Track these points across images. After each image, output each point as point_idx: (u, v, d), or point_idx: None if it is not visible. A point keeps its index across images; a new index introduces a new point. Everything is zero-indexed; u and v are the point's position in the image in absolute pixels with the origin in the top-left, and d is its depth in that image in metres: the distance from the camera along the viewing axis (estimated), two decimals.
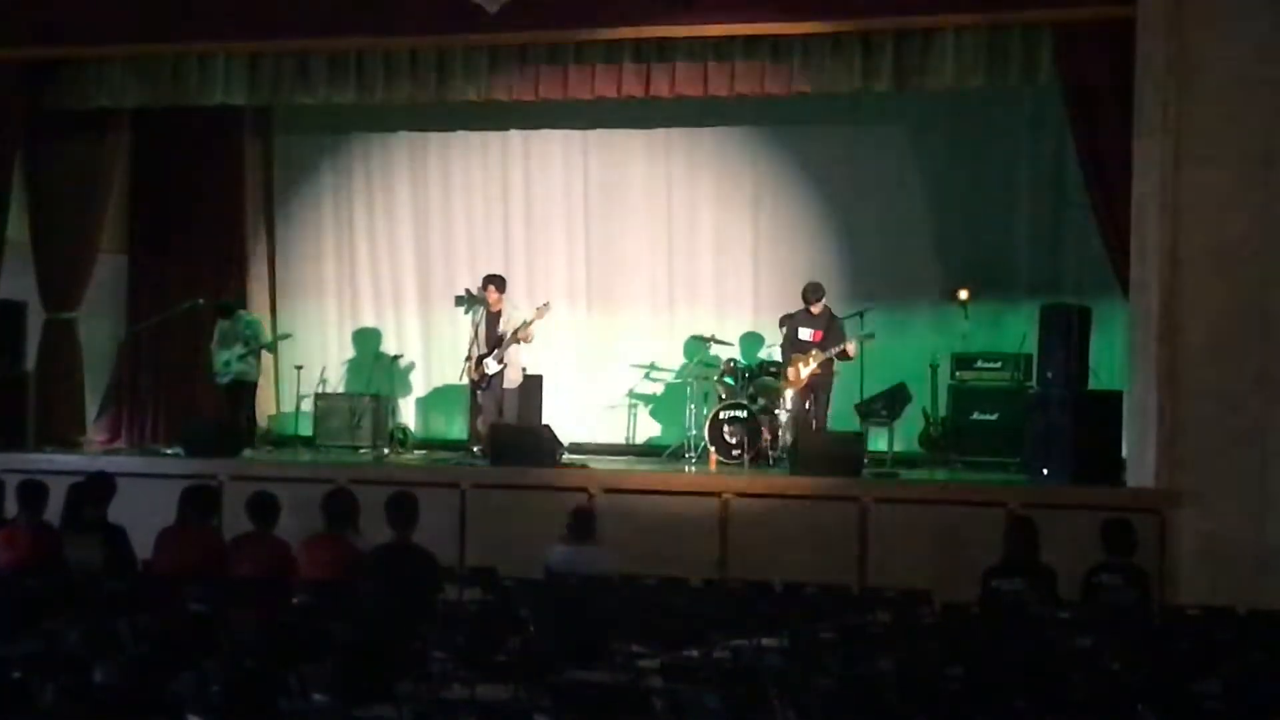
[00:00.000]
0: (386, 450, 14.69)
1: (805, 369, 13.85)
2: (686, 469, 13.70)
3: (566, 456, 13.75)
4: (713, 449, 13.93)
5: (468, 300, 14.40)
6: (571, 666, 7.00)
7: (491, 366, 14.08)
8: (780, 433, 14.02)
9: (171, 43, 13.87)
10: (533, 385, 14.98)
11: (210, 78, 13.97)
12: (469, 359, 14.29)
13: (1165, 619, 9.14)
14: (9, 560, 9.66)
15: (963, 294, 14.71)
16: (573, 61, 13.26)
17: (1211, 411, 11.07)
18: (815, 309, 14.12)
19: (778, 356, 14.44)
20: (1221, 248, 11.13)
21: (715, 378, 14.53)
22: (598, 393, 16.11)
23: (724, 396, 14.34)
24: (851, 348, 13.87)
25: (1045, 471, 12.01)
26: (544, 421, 14.55)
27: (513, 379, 14.23)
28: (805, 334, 14.01)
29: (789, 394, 13.96)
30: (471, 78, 13.46)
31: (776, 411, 14.05)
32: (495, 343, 14.11)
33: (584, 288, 16.18)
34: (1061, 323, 12.16)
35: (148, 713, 6.09)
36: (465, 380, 14.42)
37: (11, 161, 14.58)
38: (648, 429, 15.78)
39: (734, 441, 13.83)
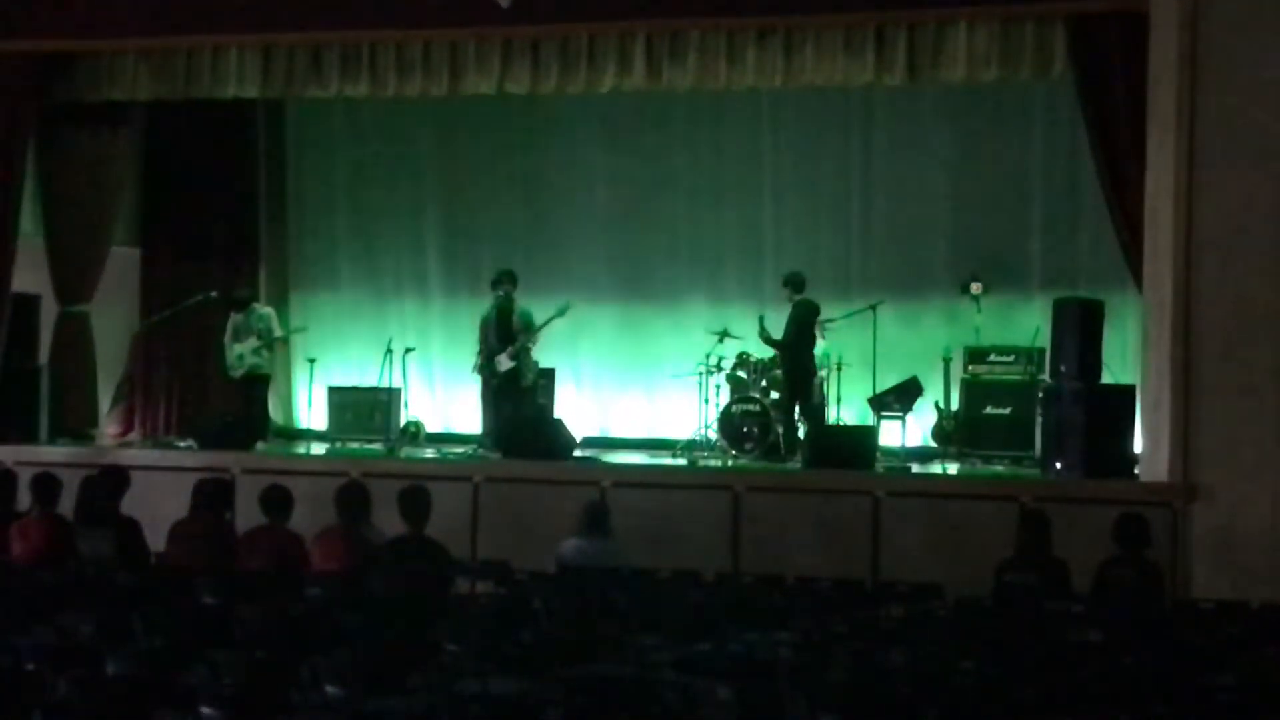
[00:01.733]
0: (399, 444, 14.69)
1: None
2: (699, 463, 13.69)
3: (579, 450, 13.74)
4: (725, 442, 13.94)
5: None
6: (583, 660, 7.00)
7: (504, 364, 14.07)
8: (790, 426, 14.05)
9: (184, 35, 13.88)
10: (546, 380, 15.00)
11: (223, 71, 13.97)
12: (480, 354, 14.28)
13: (1178, 613, 9.12)
14: (22, 552, 9.70)
15: (975, 287, 14.71)
16: (585, 54, 13.23)
17: (1225, 405, 11.04)
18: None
19: None
20: (1235, 241, 11.08)
21: (728, 371, 14.53)
22: (611, 387, 16.13)
23: (736, 390, 14.35)
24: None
25: (1058, 465, 11.99)
26: (557, 416, 14.55)
27: (525, 374, 14.23)
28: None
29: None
30: (484, 71, 13.44)
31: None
32: (507, 339, 14.09)
33: (598, 282, 16.20)
34: (1074, 316, 12.13)
35: (160, 704, 6.10)
36: (477, 375, 14.40)
37: (24, 154, 14.58)
38: (660, 423, 15.77)
39: (746, 434, 13.85)
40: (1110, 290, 13.40)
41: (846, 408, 14.57)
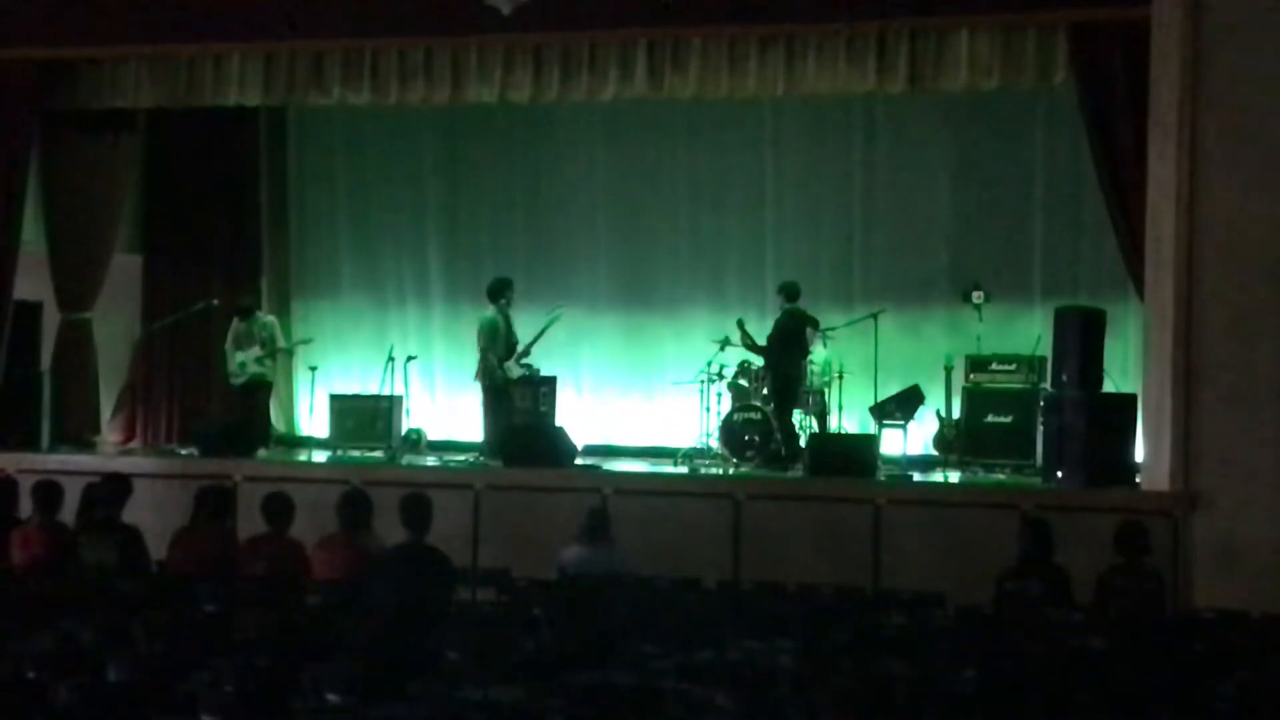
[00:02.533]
0: (401, 451, 14.69)
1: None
2: (700, 471, 13.69)
3: (580, 458, 13.73)
4: (726, 450, 13.94)
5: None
6: (585, 667, 6.99)
7: (515, 371, 14.08)
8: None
9: (186, 43, 13.89)
10: (547, 387, 14.99)
11: (225, 78, 13.98)
12: (481, 361, 14.26)
13: (1179, 622, 9.12)
14: (24, 560, 9.69)
15: (977, 296, 14.71)
16: (587, 62, 13.24)
17: (1226, 414, 11.04)
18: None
19: None
20: (1237, 249, 11.09)
21: (729, 379, 14.52)
22: (612, 394, 16.12)
23: (738, 398, 14.35)
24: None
25: (1059, 474, 11.99)
26: (558, 423, 14.55)
27: (524, 381, 14.26)
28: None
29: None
30: (485, 79, 13.45)
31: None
32: (511, 347, 14.09)
33: (599, 290, 16.21)
34: (1076, 325, 12.14)
35: (161, 711, 6.11)
36: (479, 382, 14.39)
37: (26, 162, 14.59)
38: (662, 431, 15.76)
39: (747, 443, 13.85)
40: (1111, 299, 13.43)
41: (848, 416, 14.57)
